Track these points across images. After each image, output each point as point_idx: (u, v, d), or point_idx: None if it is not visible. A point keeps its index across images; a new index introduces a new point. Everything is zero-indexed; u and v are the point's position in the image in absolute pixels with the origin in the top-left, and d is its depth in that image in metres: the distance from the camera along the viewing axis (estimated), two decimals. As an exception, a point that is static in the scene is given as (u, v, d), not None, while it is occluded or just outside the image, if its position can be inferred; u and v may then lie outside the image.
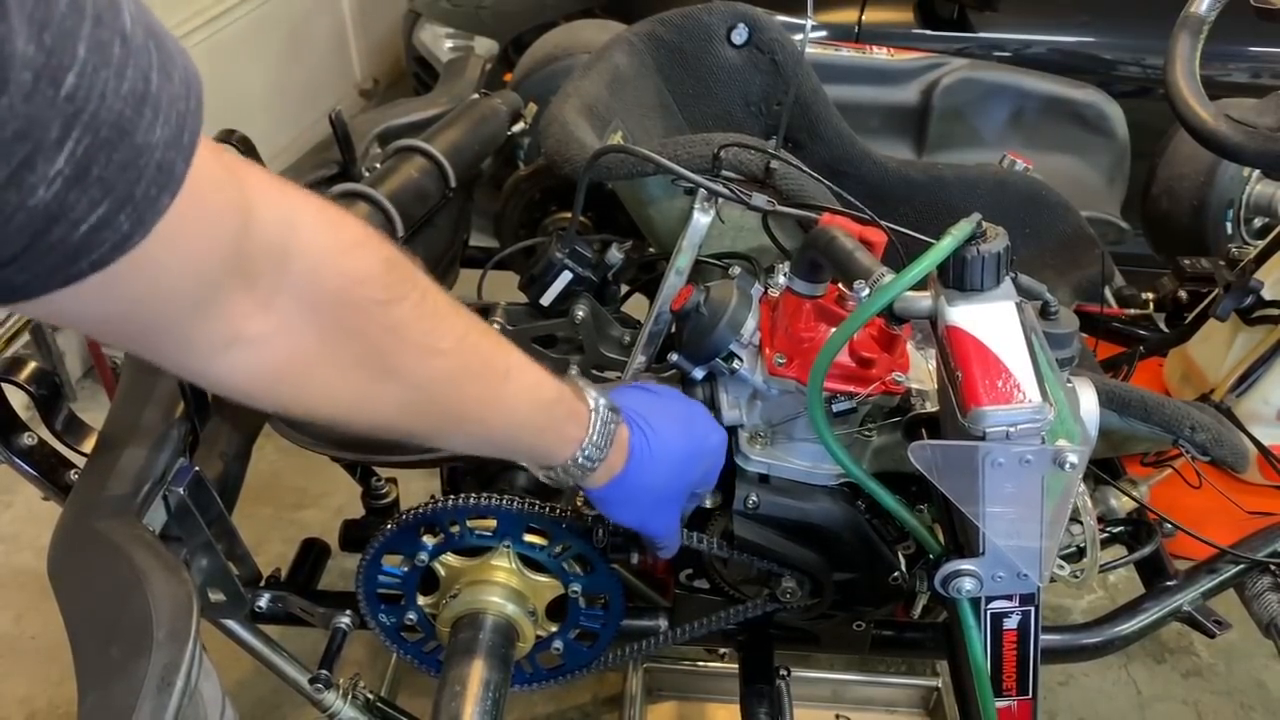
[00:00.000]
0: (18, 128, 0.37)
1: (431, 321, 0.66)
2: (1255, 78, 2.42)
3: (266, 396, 0.62)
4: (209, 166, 0.48)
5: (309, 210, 0.58)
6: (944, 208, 1.48)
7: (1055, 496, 0.78)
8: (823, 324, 0.96)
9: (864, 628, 1.18)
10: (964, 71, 2.13)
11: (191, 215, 0.47)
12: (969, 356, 0.75)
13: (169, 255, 0.47)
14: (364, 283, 0.60)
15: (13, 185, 0.38)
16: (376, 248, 0.62)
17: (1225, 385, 1.56)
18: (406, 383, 0.66)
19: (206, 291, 0.52)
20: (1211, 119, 1.29)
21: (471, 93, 1.58)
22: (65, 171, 0.39)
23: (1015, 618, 0.89)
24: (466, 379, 0.70)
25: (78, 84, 0.39)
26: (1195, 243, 1.95)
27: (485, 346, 0.71)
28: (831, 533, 1.03)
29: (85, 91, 0.39)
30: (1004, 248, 0.77)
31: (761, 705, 1.14)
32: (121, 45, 0.41)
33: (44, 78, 0.37)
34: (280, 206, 0.56)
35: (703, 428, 0.93)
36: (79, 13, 0.39)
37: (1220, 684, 1.80)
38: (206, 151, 0.48)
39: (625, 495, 0.86)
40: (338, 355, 0.61)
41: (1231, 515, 1.36)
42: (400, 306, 0.63)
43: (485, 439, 0.77)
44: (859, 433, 1.00)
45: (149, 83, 0.42)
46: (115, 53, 0.40)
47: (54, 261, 0.42)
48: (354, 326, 0.61)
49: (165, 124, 0.43)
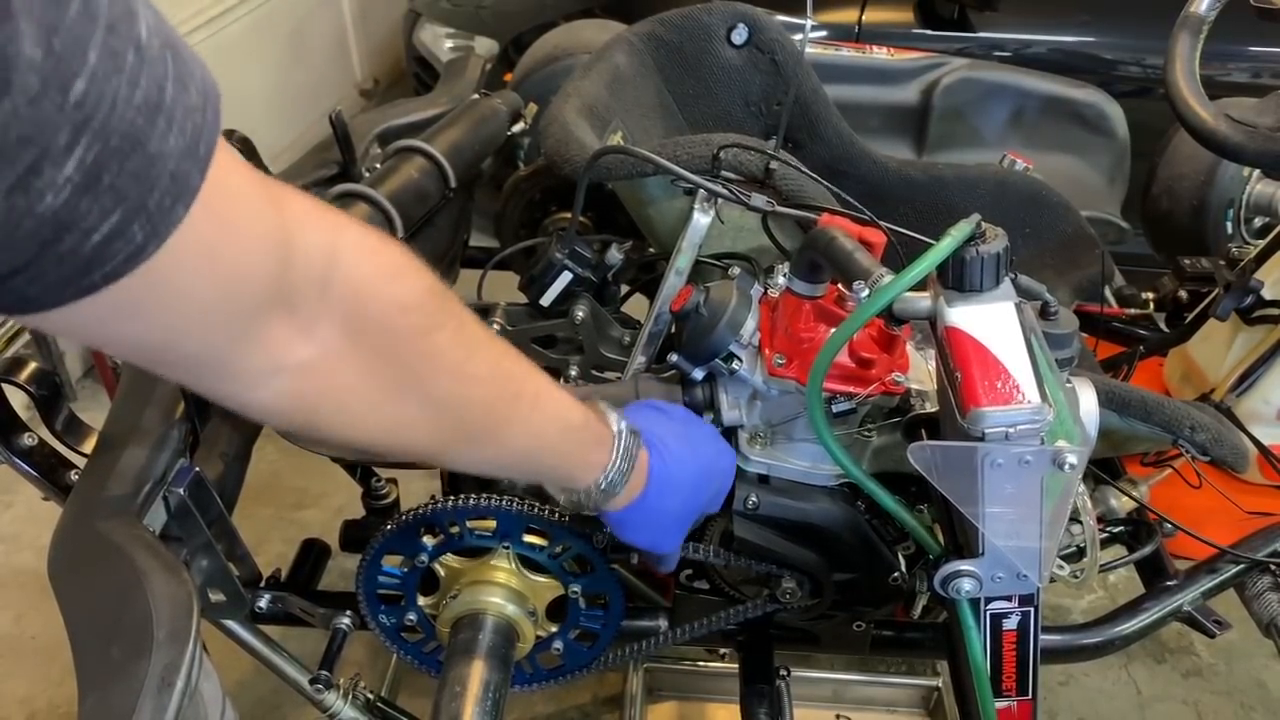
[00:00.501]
0: (23, 132, 0.37)
1: (468, 349, 0.66)
2: (1255, 77, 2.42)
3: (306, 424, 0.62)
4: (240, 189, 0.48)
5: (350, 236, 0.58)
6: (944, 208, 1.48)
7: (1054, 497, 0.78)
8: (822, 324, 0.96)
9: (864, 628, 1.18)
10: (964, 71, 2.13)
11: (214, 233, 0.46)
12: (968, 357, 0.75)
13: (189, 272, 0.46)
14: (406, 311, 0.61)
15: (19, 190, 0.38)
16: (417, 275, 0.62)
17: (1225, 385, 1.56)
18: (442, 409, 0.66)
19: (245, 318, 0.52)
20: (1211, 119, 1.29)
21: (472, 93, 1.58)
22: (75, 179, 0.39)
23: (1015, 618, 0.89)
24: (500, 405, 0.70)
25: (87, 90, 0.38)
26: (1195, 242, 1.94)
27: (517, 372, 0.71)
28: (831, 533, 1.03)
29: (95, 98, 0.39)
30: (1003, 248, 0.77)
31: (761, 705, 1.14)
32: (135, 54, 0.40)
33: (52, 83, 0.37)
34: (322, 233, 0.56)
35: (714, 449, 0.94)
36: (91, 19, 0.38)
37: (1220, 684, 1.80)
38: (239, 176, 0.47)
39: (643, 519, 0.86)
40: (378, 382, 0.61)
41: (1231, 515, 1.36)
42: (440, 334, 0.63)
43: (511, 463, 0.78)
44: (859, 433, 1.00)
45: (163, 92, 0.42)
46: (128, 61, 0.40)
47: (66, 272, 0.42)
48: (395, 354, 0.61)
49: (180, 134, 0.43)
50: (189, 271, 0.46)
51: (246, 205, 0.49)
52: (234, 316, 0.51)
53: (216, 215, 0.46)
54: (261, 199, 0.50)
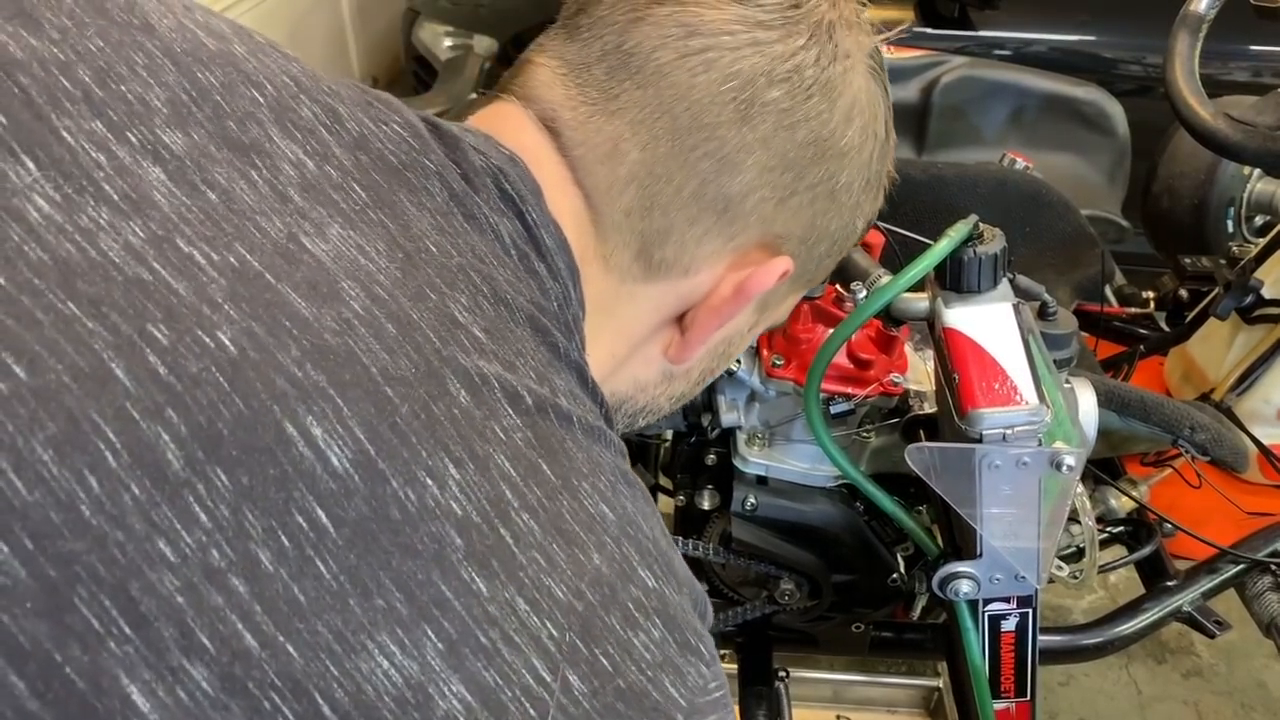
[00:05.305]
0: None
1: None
2: (1255, 76, 2.42)
3: None
4: None
5: None
6: (944, 206, 1.47)
7: (1053, 498, 0.78)
8: (820, 325, 0.95)
9: (863, 629, 1.18)
10: (964, 69, 2.12)
11: None
12: (966, 358, 0.75)
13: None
14: None
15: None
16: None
17: (1225, 384, 1.55)
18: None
19: None
20: (1211, 118, 1.28)
21: (470, 91, 1.59)
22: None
23: (1013, 619, 0.89)
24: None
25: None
26: (1196, 241, 1.94)
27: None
28: (830, 534, 1.03)
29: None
30: (1001, 249, 0.76)
31: (760, 706, 1.14)
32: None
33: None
34: None
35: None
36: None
37: (1221, 684, 1.80)
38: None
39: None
40: None
41: (1232, 515, 1.36)
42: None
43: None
44: (857, 434, 1.00)
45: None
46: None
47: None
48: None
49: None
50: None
51: None
52: None
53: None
54: None
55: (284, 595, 0.34)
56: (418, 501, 0.37)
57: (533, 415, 0.44)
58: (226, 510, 0.34)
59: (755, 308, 0.63)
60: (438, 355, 0.41)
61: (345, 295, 0.40)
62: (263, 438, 0.35)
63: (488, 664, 0.37)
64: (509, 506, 0.40)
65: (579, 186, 0.56)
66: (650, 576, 0.44)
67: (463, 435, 0.40)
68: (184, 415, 0.34)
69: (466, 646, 0.36)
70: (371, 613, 0.35)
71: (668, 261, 0.57)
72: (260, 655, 0.33)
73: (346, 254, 0.42)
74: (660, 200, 0.56)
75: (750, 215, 0.57)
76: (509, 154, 0.54)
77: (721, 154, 0.55)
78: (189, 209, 0.40)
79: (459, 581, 0.37)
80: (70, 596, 0.31)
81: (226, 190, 0.41)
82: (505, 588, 0.38)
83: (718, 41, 0.54)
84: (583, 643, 0.39)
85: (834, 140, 0.58)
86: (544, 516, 0.41)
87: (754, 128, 0.55)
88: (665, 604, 0.44)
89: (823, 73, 0.56)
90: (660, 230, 0.56)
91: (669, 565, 0.46)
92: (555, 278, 0.52)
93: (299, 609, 0.34)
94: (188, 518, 0.33)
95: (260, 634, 0.33)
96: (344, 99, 0.50)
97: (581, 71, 0.56)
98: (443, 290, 0.44)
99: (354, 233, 0.43)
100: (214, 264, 0.38)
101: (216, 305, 0.37)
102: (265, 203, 0.42)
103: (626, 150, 0.55)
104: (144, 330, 0.35)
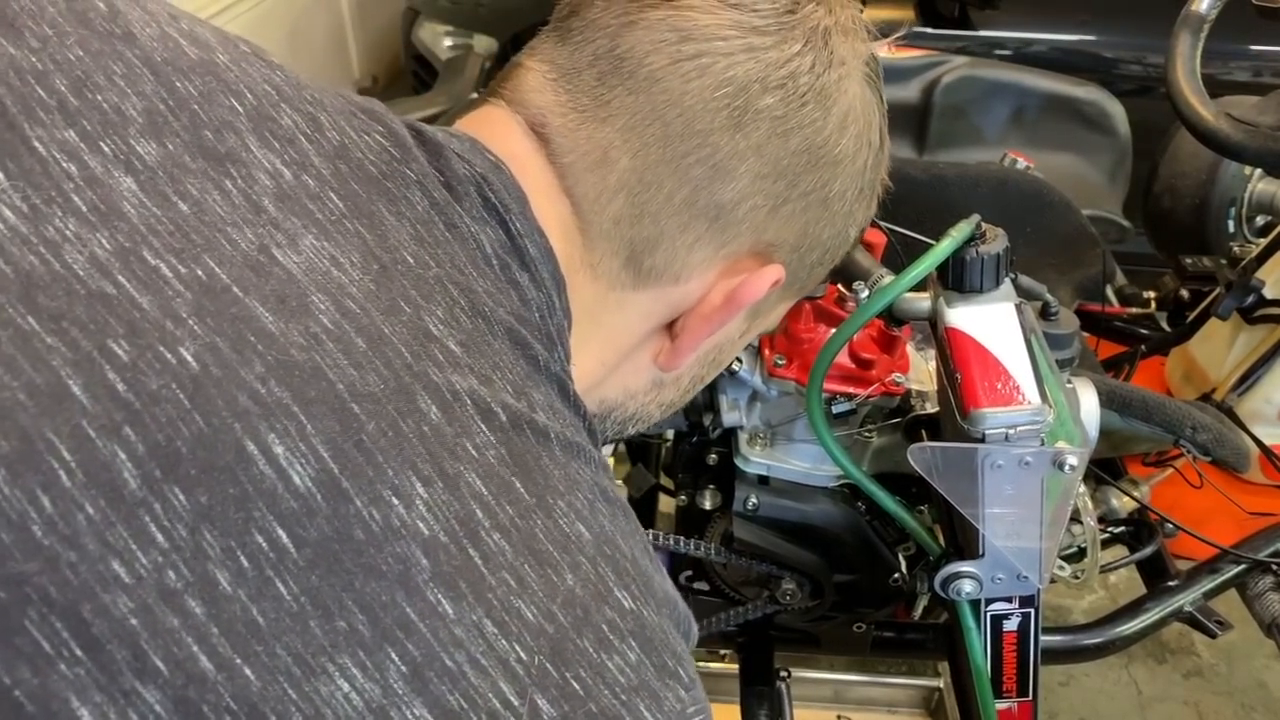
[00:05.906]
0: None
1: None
2: (1256, 76, 2.42)
3: None
4: None
5: None
6: (945, 206, 1.47)
7: (1055, 498, 0.78)
8: (822, 325, 0.95)
9: (865, 629, 1.18)
10: (965, 69, 2.12)
11: None
12: (968, 358, 0.75)
13: None
14: None
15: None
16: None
17: (1227, 384, 1.55)
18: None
19: None
20: (1212, 118, 1.28)
21: (471, 91, 1.58)
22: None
23: (1015, 619, 0.89)
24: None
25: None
26: (1197, 241, 1.94)
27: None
28: (831, 534, 1.03)
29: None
30: (1003, 249, 0.76)
31: (762, 706, 1.14)
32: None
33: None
34: None
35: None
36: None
37: (1221, 684, 1.80)
38: None
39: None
40: None
41: (1233, 515, 1.36)
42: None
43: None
44: (859, 434, 1.00)
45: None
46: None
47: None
48: None
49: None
50: None
51: None
52: None
53: None
54: None
55: (242, 617, 0.33)
56: (382, 521, 0.36)
57: (507, 431, 0.43)
58: (184, 530, 0.33)
59: (746, 315, 0.62)
60: (409, 370, 0.40)
61: (315, 309, 0.40)
62: (223, 456, 0.34)
63: (453, 687, 0.36)
64: (479, 526, 0.39)
65: (567, 194, 0.55)
66: (627, 597, 0.43)
67: (432, 453, 0.39)
68: (142, 433, 0.34)
69: (431, 670, 0.36)
70: (333, 634, 0.34)
71: (658, 269, 0.57)
72: (216, 678, 0.33)
73: (319, 266, 0.41)
74: (650, 208, 0.55)
75: (742, 223, 0.56)
76: (494, 161, 0.53)
77: (714, 161, 0.54)
78: (159, 220, 0.39)
79: (424, 603, 0.36)
80: (20, 619, 0.31)
81: (198, 201, 0.40)
82: (473, 609, 0.37)
83: (711, 47, 0.53)
84: (553, 666, 0.38)
85: (828, 148, 0.57)
86: (516, 536, 0.40)
87: (747, 135, 0.54)
88: (642, 626, 0.43)
89: (817, 80, 0.55)
90: (650, 238, 0.55)
91: (648, 585, 0.45)
92: (538, 287, 0.51)
93: (257, 631, 0.33)
94: (144, 538, 0.33)
95: (216, 656, 0.33)
96: (327, 108, 0.49)
97: (572, 77, 0.55)
98: (418, 303, 0.43)
99: (328, 244, 0.42)
100: (180, 277, 0.38)
101: (180, 320, 0.36)
102: (238, 213, 0.41)
103: (617, 158, 0.54)
104: (104, 346, 0.34)
